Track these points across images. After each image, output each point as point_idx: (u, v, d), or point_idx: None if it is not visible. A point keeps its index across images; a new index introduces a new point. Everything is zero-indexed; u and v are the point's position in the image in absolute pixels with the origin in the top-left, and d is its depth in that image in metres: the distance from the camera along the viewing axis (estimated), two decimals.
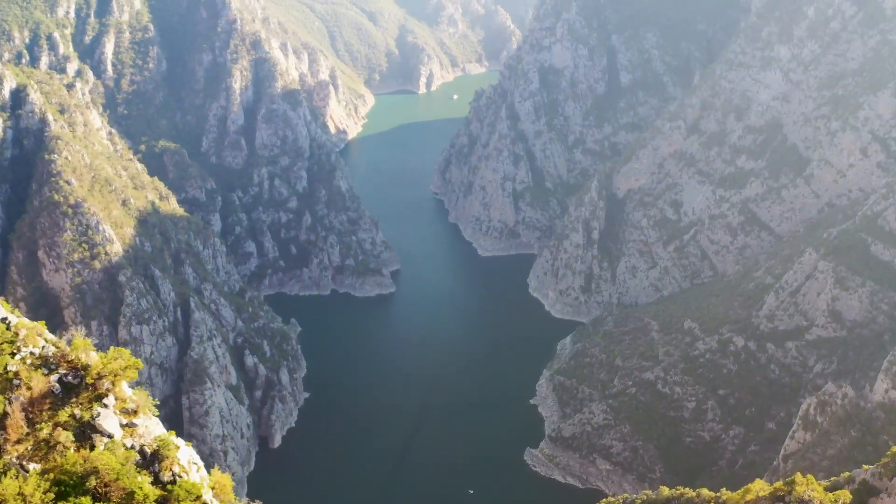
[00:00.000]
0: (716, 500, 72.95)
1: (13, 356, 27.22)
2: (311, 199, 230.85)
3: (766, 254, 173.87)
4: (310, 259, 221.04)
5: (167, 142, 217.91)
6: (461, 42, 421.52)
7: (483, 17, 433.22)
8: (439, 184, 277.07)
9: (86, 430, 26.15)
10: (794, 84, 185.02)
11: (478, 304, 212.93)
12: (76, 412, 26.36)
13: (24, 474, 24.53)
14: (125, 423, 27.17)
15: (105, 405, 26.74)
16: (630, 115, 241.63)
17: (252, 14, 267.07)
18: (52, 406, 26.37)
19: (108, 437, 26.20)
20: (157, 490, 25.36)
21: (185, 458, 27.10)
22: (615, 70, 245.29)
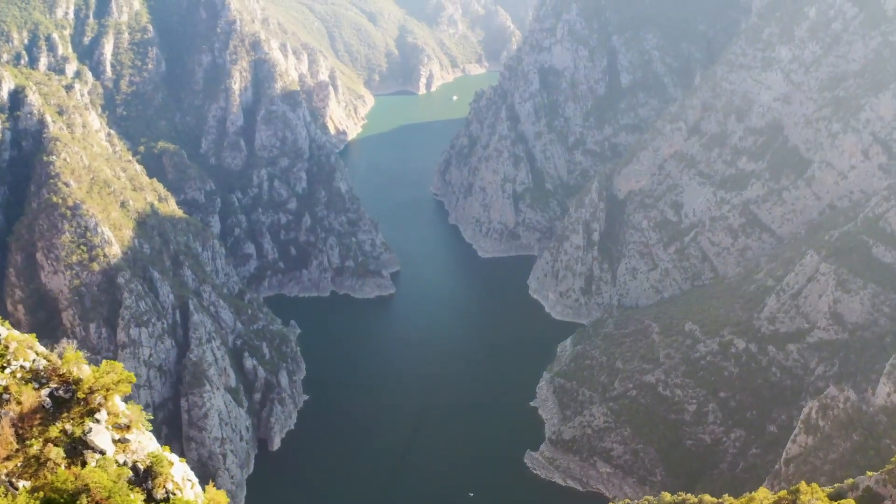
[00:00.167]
0: None
1: (3, 370, 26.68)
2: (311, 200, 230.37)
3: (767, 256, 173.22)
4: (309, 261, 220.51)
5: (166, 143, 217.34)
6: (461, 43, 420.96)
7: (483, 18, 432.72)
8: (439, 185, 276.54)
9: (77, 446, 25.58)
10: (795, 85, 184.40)
11: (478, 306, 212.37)
12: (67, 427, 25.79)
13: (14, 492, 23.99)
14: (118, 438, 26.57)
15: (97, 420, 26.16)
16: (630, 117, 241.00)
17: (251, 15, 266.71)
18: (42, 421, 25.81)
19: (100, 453, 25.62)
20: None
21: (179, 474, 26.50)
22: (615, 71, 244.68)
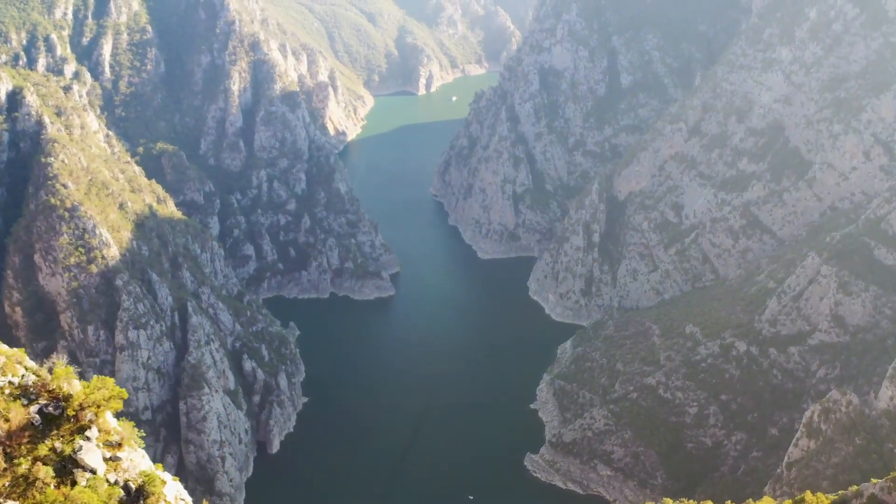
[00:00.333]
0: None
1: None
2: (310, 201, 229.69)
3: (768, 257, 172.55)
4: (309, 262, 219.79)
5: (165, 144, 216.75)
6: (461, 43, 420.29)
7: (483, 18, 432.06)
8: (439, 186, 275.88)
9: (67, 465, 24.88)
10: (795, 86, 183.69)
11: (477, 308, 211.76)
12: (57, 445, 25.10)
13: None
14: (109, 456, 25.87)
15: (88, 438, 25.46)
16: (631, 117, 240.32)
17: (251, 15, 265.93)
18: (31, 439, 25.10)
19: (90, 472, 24.93)
20: None
21: (171, 493, 25.85)
22: (616, 72, 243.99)
